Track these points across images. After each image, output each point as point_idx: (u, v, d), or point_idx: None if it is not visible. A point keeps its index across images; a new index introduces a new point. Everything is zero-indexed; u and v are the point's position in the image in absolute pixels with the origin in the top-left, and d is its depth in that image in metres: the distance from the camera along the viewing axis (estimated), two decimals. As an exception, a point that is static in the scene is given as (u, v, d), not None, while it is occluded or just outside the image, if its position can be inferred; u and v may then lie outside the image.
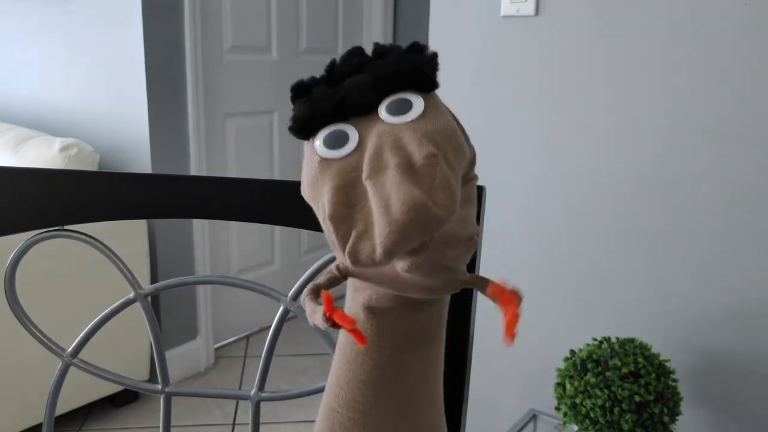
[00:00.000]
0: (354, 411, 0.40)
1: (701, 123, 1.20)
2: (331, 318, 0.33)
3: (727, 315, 1.22)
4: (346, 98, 0.35)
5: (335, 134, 0.35)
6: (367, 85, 0.35)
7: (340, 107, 0.35)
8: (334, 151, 0.34)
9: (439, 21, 1.48)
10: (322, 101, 0.36)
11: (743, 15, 1.14)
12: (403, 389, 0.41)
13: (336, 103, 0.35)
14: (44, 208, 0.64)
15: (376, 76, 0.36)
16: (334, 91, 0.36)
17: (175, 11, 1.99)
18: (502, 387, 1.54)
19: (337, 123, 0.35)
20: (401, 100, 0.35)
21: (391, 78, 0.36)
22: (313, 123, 0.36)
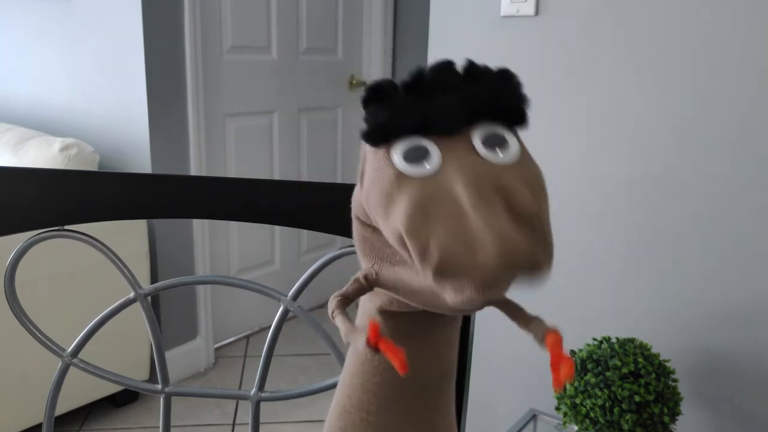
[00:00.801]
0: (368, 413, 0.40)
1: (701, 123, 1.20)
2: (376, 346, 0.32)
3: (727, 315, 1.22)
4: (435, 116, 0.33)
5: (416, 149, 0.32)
6: (460, 108, 0.33)
7: (424, 122, 0.33)
8: (414, 167, 0.32)
9: (439, 21, 1.48)
10: (409, 111, 0.33)
11: (744, 15, 1.14)
12: (417, 392, 0.40)
13: (422, 117, 0.33)
14: (44, 208, 0.64)
15: (471, 100, 0.33)
16: (421, 104, 0.33)
17: (175, 11, 1.99)
18: (502, 387, 1.54)
19: (416, 136, 0.33)
20: (497, 135, 0.33)
21: (486, 106, 0.33)
22: (391, 132, 0.33)
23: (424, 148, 0.32)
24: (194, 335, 2.26)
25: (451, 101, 0.33)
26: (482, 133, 0.33)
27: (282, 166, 2.58)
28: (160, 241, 2.06)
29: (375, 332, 0.32)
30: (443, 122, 0.33)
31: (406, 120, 0.33)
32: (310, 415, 2.01)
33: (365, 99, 0.34)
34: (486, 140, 0.33)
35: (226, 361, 2.37)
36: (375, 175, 0.33)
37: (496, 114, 0.34)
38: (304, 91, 2.61)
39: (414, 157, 0.32)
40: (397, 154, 0.33)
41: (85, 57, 2.10)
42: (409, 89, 0.34)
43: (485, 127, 0.33)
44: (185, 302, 2.21)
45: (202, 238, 2.21)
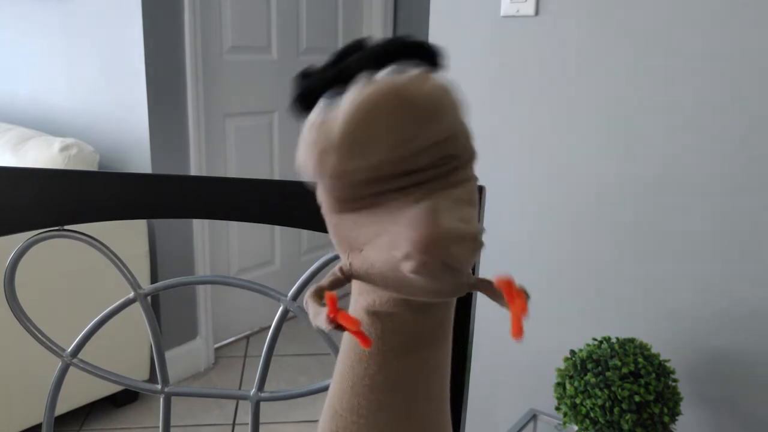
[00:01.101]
0: (359, 415, 0.40)
1: (702, 123, 1.20)
2: (335, 319, 0.33)
3: (727, 315, 1.22)
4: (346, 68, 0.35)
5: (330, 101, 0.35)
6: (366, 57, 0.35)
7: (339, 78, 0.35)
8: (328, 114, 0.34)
9: (439, 21, 1.48)
10: (323, 74, 0.36)
11: (744, 15, 1.14)
12: (409, 393, 0.40)
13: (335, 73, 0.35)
14: (44, 208, 0.64)
15: (377, 50, 0.36)
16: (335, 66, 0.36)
17: (175, 11, 1.99)
18: (502, 387, 1.54)
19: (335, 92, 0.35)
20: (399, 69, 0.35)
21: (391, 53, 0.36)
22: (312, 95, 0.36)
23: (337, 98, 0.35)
24: (194, 335, 2.26)
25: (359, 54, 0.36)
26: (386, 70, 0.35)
27: (282, 166, 2.58)
28: (160, 241, 2.06)
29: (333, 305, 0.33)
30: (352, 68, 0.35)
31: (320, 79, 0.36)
32: (310, 415, 2.01)
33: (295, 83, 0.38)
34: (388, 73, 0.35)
35: (226, 361, 2.37)
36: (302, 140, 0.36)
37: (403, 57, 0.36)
38: (304, 91, 2.60)
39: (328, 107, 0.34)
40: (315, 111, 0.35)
41: (85, 57, 2.10)
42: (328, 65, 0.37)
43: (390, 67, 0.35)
44: (185, 302, 2.21)
45: (202, 238, 2.21)
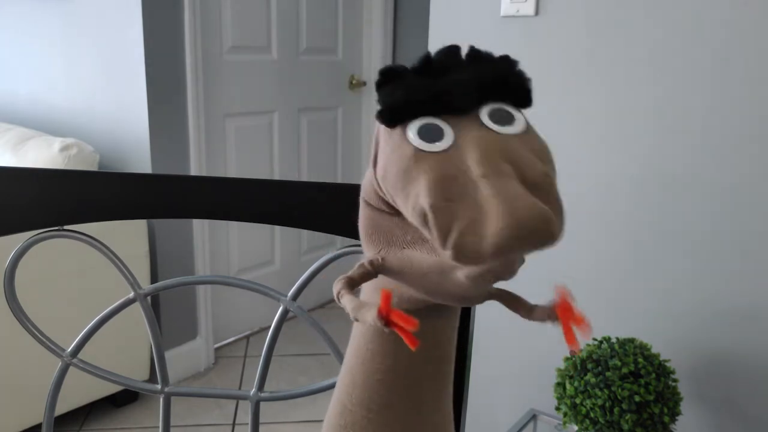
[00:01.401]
0: (368, 410, 0.40)
1: (702, 123, 1.20)
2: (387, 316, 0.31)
3: (727, 315, 1.22)
4: (447, 94, 0.34)
5: (430, 127, 0.33)
6: (471, 86, 0.34)
7: (437, 101, 0.34)
8: (429, 144, 0.33)
9: (439, 21, 1.48)
10: (420, 91, 0.34)
11: (744, 15, 1.14)
12: (418, 390, 0.41)
13: (435, 95, 0.34)
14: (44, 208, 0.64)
15: (481, 79, 0.35)
16: (433, 83, 0.34)
17: (175, 11, 1.99)
18: (502, 387, 1.54)
19: (429, 116, 0.34)
20: (504, 111, 0.34)
21: (495, 84, 0.35)
22: (406, 111, 0.34)
23: (437, 126, 0.33)
24: (194, 335, 2.26)
25: (463, 79, 0.34)
26: (489, 109, 0.34)
27: (282, 166, 2.58)
28: (160, 241, 2.06)
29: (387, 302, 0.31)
30: (456, 99, 0.34)
31: (419, 98, 0.34)
32: (310, 415, 2.01)
33: (378, 81, 0.35)
34: (493, 115, 0.34)
35: (226, 361, 2.37)
36: (391, 154, 0.34)
37: (502, 93, 0.35)
38: (304, 91, 2.61)
39: (428, 135, 0.33)
40: (412, 132, 0.33)
41: (85, 57, 2.10)
42: (419, 71, 0.36)
43: (492, 105, 0.35)
44: (185, 302, 2.21)
45: (202, 238, 2.21)
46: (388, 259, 0.37)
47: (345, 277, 0.36)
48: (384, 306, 0.31)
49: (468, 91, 0.34)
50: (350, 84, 2.82)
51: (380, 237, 0.38)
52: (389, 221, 0.37)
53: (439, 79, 0.35)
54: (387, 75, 0.35)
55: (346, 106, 2.83)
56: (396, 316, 0.31)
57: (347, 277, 0.36)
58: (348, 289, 0.35)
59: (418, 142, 0.33)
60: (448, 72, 0.35)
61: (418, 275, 0.36)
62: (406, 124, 0.34)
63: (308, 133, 2.67)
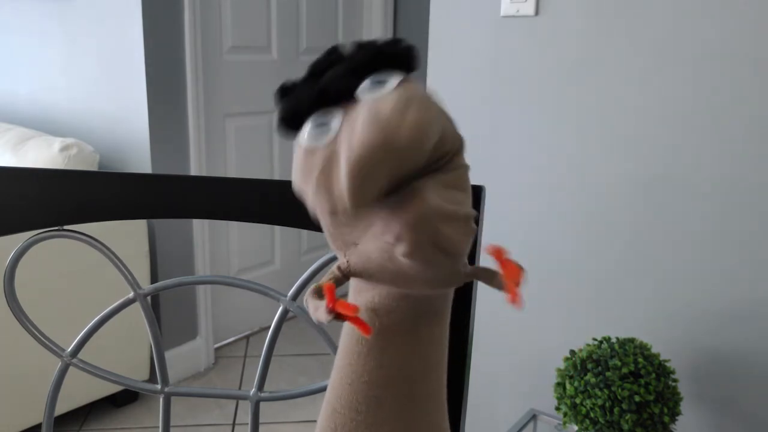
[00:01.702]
0: (357, 412, 0.40)
1: (702, 123, 1.20)
2: (334, 308, 0.32)
3: (727, 315, 1.22)
4: (326, 87, 0.36)
5: (318, 124, 0.35)
6: (344, 71, 0.36)
7: (321, 97, 0.36)
8: (319, 139, 0.35)
9: (439, 21, 1.48)
10: (304, 94, 0.36)
11: (743, 15, 1.14)
12: (407, 390, 0.41)
13: (317, 93, 0.36)
14: (44, 208, 0.64)
15: (353, 63, 0.36)
16: (314, 83, 0.36)
17: (175, 11, 1.99)
18: (502, 387, 1.54)
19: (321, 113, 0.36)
20: (378, 79, 0.35)
21: (368, 62, 0.36)
22: (297, 116, 0.36)
23: (323, 121, 0.35)
24: (194, 335, 2.26)
25: (337, 68, 0.36)
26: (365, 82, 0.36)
27: (282, 166, 2.58)
28: (160, 241, 2.06)
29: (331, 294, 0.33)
30: (333, 86, 0.35)
31: (303, 100, 0.36)
32: (310, 415, 2.01)
33: (275, 102, 0.38)
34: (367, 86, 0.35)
35: (226, 361, 2.37)
36: (295, 162, 0.36)
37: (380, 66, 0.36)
38: (304, 91, 2.60)
39: (317, 131, 0.35)
40: (302, 135, 0.36)
41: (85, 57, 2.10)
42: (307, 80, 0.37)
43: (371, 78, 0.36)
44: (185, 302, 2.21)
45: (202, 238, 2.21)
46: (351, 261, 0.38)
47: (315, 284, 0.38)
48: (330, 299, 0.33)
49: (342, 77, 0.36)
50: (350, 84, 2.82)
51: (338, 240, 0.39)
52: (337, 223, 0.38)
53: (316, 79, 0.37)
54: (280, 93, 0.38)
55: (346, 106, 2.83)
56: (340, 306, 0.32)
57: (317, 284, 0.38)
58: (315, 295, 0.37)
59: (308, 142, 0.35)
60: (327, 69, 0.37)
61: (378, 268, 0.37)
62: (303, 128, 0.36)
63: (308, 133, 2.67)
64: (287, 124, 0.37)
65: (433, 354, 0.41)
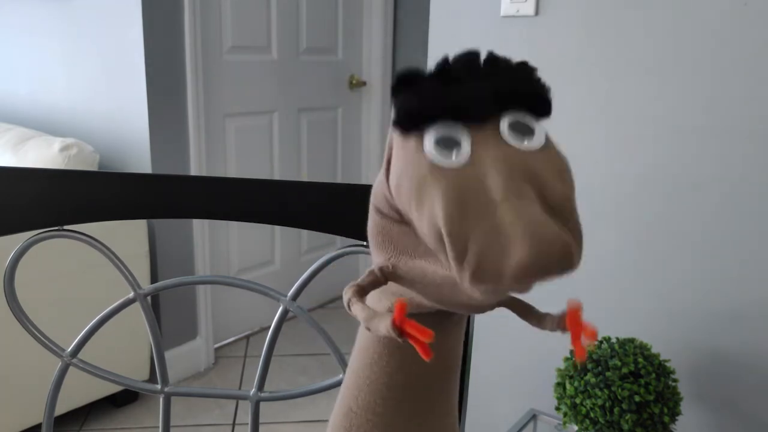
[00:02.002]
0: (374, 414, 0.40)
1: (702, 123, 1.20)
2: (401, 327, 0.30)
3: (727, 315, 1.22)
4: (465, 102, 0.33)
5: (447, 139, 0.32)
6: (489, 96, 0.33)
7: (455, 110, 0.33)
8: (445, 157, 0.32)
9: (439, 21, 1.48)
10: (437, 98, 0.33)
11: (743, 15, 1.14)
12: (424, 394, 0.40)
13: (453, 103, 0.33)
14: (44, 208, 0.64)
15: (500, 88, 0.33)
16: (450, 91, 0.33)
17: (175, 11, 1.99)
18: (501, 387, 1.54)
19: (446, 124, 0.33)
20: (524, 124, 0.33)
21: (514, 94, 0.34)
22: (422, 118, 0.33)
23: (454, 138, 0.32)
24: (194, 335, 2.26)
25: (481, 87, 0.33)
26: (509, 120, 0.33)
27: (282, 166, 2.58)
28: (160, 241, 2.06)
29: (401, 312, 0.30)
30: (474, 108, 0.33)
31: (436, 106, 0.33)
32: (310, 415, 2.01)
33: (394, 87, 0.34)
34: (513, 127, 0.33)
35: (226, 361, 2.37)
36: (406, 165, 0.33)
37: (522, 102, 0.34)
38: (304, 91, 2.61)
39: (445, 147, 0.32)
40: (428, 143, 0.32)
41: (86, 57, 2.10)
42: (436, 77, 0.34)
43: (512, 116, 0.33)
44: (185, 302, 2.21)
45: (202, 238, 2.21)
46: (399, 267, 0.37)
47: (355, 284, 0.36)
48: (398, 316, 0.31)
49: (486, 100, 0.33)
50: (350, 84, 2.82)
51: (390, 245, 0.37)
52: (400, 230, 0.37)
53: (457, 86, 0.33)
54: (403, 80, 0.34)
55: (346, 106, 2.83)
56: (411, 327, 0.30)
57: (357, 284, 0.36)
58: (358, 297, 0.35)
59: (434, 155, 0.32)
60: (466, 78, 0.34)
61: (430, 286, 0.35)
62: (422, 132, 0.33)
63: (308, 133, 2.67)
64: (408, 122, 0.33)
65: (451, 358, 0.41)
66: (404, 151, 0.33)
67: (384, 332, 0.31)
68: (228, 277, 0.68)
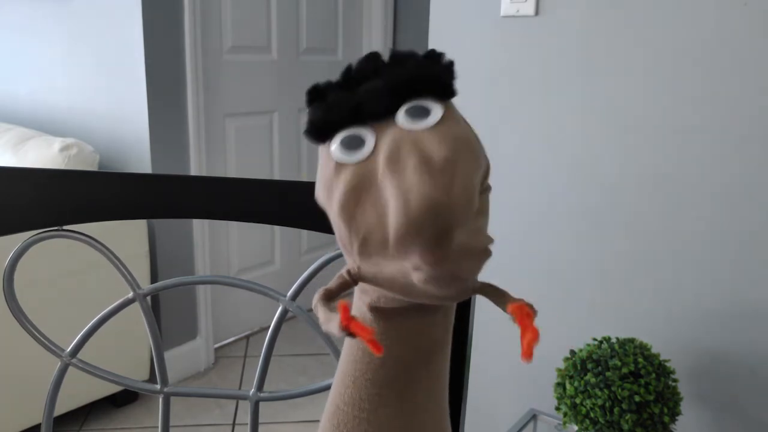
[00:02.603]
0: (360, 410, 0.40)
1: (702, 123, 1.20)
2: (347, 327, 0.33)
3: (727, 315, 1.22)
4: (362, 103, 0.35)
5: (351, 138, 0.35)
6: (384, 91, 0.35)
7: (356, 112, 0.35)
8: (350, 155, 0.34)
9: (439, 21, 1.48)
10: (338, 106, 0.36)
11: (743, 14, 1.14)
12: (410, 389, 0.41)
13: (352, 108, 0.35)
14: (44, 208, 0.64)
15: (393, 82, 0.36)
16: (350, 96, 0.36)
17: (175, 11, 1.99)
18: (501, 387, 1.54)
19: (353, 127, 0.35)
20: (420, 107, 0.35)
21: (408, 84, 0.36)
22: (328, 127, 0.36)
23: (357, 136, 0.35)
24: (194, 335, 2.26)
25: (376, 85, 0.36)
26: (406, 108, 0.35)
27: (282, 166, 2.58)
28: (160, 241, 2.06)
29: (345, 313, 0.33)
30: (370, 106, 0.35)
31: (338, 112, 0.35)
32: (310, 415, 2.01)
33: (307, 101, 0.37)
34: (407, 112, 0.35)
35: (226, 361, 2.37)
36: (320, 170, 0.36)
37: (420, 89, 0.36)
38: (304, 91, 2.59)
39: (350, 146, 0.34)
40: (335, 146, 0.35)
41: (85, 57, 2.10)
42: (341, 85, 0.37)
43: (410, 104, 0.35)
44: (185, 302, 2.21)
45: (202, 238, 2.21)
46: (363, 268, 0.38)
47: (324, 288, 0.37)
48: (343, 317, 0.33)
49: (380, 96, 0.35)
50: (350, 84, 2.82)
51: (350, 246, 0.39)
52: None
53: (356, 90, 0.36)
54: (312, 93, 0.37)
55: (346, 106, 2.83)
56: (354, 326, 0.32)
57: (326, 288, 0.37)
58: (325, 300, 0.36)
59: (339, 155, 0.34)
60: (367, 80, 0.36)
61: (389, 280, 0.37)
62: (333, 138, 0.35)
63: (308, 133, 2.67)
64: (317, 132, 0.36)
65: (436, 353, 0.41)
66: (321, 159, 0.36)
67: (337, 333, 0.33)
68: (228, 277, 0.68)
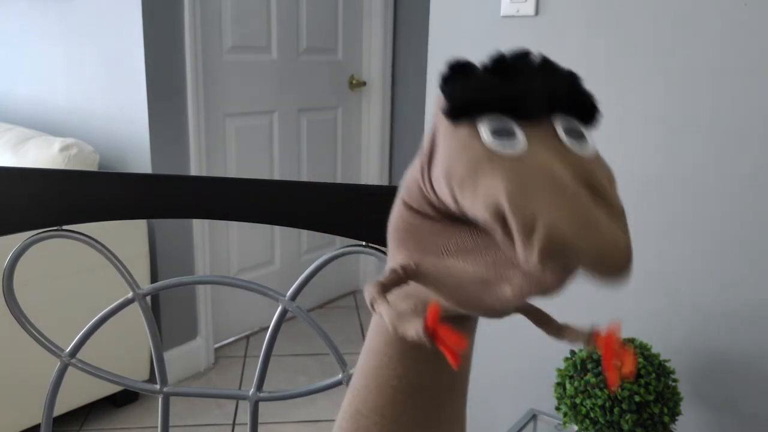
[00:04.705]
0: (382, 416, 0.40)
1: (702, 123, 1.20)
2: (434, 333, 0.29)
3: (727, 315, 1.22)
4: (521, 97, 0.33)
5: (503, 128, 0.32)
6: (544, 95, 0.33)
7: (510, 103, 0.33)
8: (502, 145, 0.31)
9: (439, 21, 1.48)
10: (492, 90, 0.33)
11: (743, 14, 1.14)
12: (433, 398, 0.40)
13: (509, 97, 0.32)
14: (44, 208, 0.64)
15: (554, 89, 0.33)
16: (506, 84, 0.33)
17: (175, 11, 1.99)
18: (501, 387, 1.54)
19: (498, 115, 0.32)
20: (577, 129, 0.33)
21: (566, 97, 0.34)
22: (476, 108, 0.32)
23: (510, 128, 0.32)
24: (194, 335, 2.26)
25: (536, 85, 0.33)
26: (563, 123, 0.33)
27: (282, 166, 2.58)
28: (160, 241, 2.06)
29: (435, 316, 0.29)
30: (529, 104, 0.32)
31: (491, 97, 0.32)
32: (310, 415, 2.01)
33: (446, 75, 0.34)
34: (567, 131, 0.33)
35: (226, 361, 2.37)
36: (459, 151, 0.32)
37: (571, 108, 0.34)
38: (304, 91, 2.61)
39: (501, 137, 0.32)
40: (485, 132, 0.32)
41: (86, 57, 2.10)
42: (489, 70, 0.34)
43: (564, 119, 0.33)
44: (185, 302, 2.21)
45: (202, 238, 2.21)
46: (422, 266, 0.36)
47: (377, 282, 0.35)
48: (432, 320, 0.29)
49: (541, 99, 0.33)
50: (350, 84, 2.82)
51: (415, 242, 0.36)
52: (431, 227, 0.36)
53: (511, 82, 0.33)
54: (456, 69, 0.33)
55: (346, 106, 2.83)
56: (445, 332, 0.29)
57: (380, 283, 0.35)
58: (382, 296, 0.34)
59: (491, 142, 0.31)
60: (520, 75, 0.34)
61: (456, 285, 0.34)
62: (474, 122, 0.32)
63: (308, 133, 2.67)
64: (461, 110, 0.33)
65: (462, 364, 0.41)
66: (455, 140, 0.33)
67: (413, 335, 0.30)
68: (228, 277, 0.68)
